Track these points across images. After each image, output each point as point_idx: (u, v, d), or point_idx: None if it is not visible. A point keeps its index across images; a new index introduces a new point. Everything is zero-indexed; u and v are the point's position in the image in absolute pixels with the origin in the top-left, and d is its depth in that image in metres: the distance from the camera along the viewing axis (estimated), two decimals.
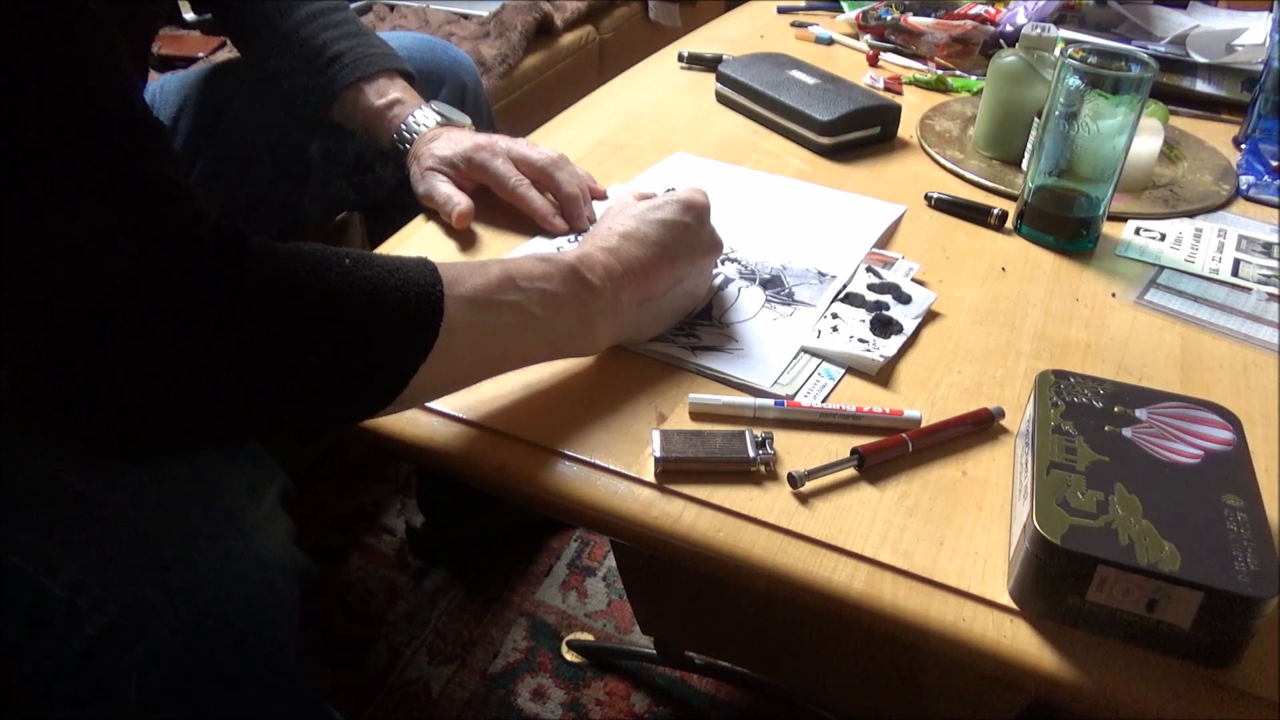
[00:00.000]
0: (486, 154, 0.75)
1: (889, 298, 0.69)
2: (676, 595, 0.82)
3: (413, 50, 0.93)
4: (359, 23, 0.86)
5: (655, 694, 1.03)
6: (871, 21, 1.21)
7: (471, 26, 1.56)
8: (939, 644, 0.47)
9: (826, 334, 0.65)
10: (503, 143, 0.76)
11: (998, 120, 0.91)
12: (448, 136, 0.78)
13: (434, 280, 0.50)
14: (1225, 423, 0.52)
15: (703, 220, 0.63)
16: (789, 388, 0.60)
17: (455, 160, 0.76)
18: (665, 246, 0.60)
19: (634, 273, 0.58)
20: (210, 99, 0.88)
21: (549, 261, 0.55)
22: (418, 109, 0.81)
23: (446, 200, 0.73)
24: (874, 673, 0.73)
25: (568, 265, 0.56)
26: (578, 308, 0.56)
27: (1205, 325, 0.70)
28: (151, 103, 0.88)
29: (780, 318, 0.67)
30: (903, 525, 0.52)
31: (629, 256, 0.59)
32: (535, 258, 0.56)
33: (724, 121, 0.99)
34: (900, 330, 0.65)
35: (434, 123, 0.80)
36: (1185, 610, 0.43)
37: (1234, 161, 0.93)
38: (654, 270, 0.60)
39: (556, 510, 0.54)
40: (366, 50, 0.83)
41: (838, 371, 0.63)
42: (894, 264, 0.74)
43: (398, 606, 1.12)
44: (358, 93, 0.81)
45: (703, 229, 0.63)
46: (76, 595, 0.41)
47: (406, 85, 0.83)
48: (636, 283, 0.59)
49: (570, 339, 0.57)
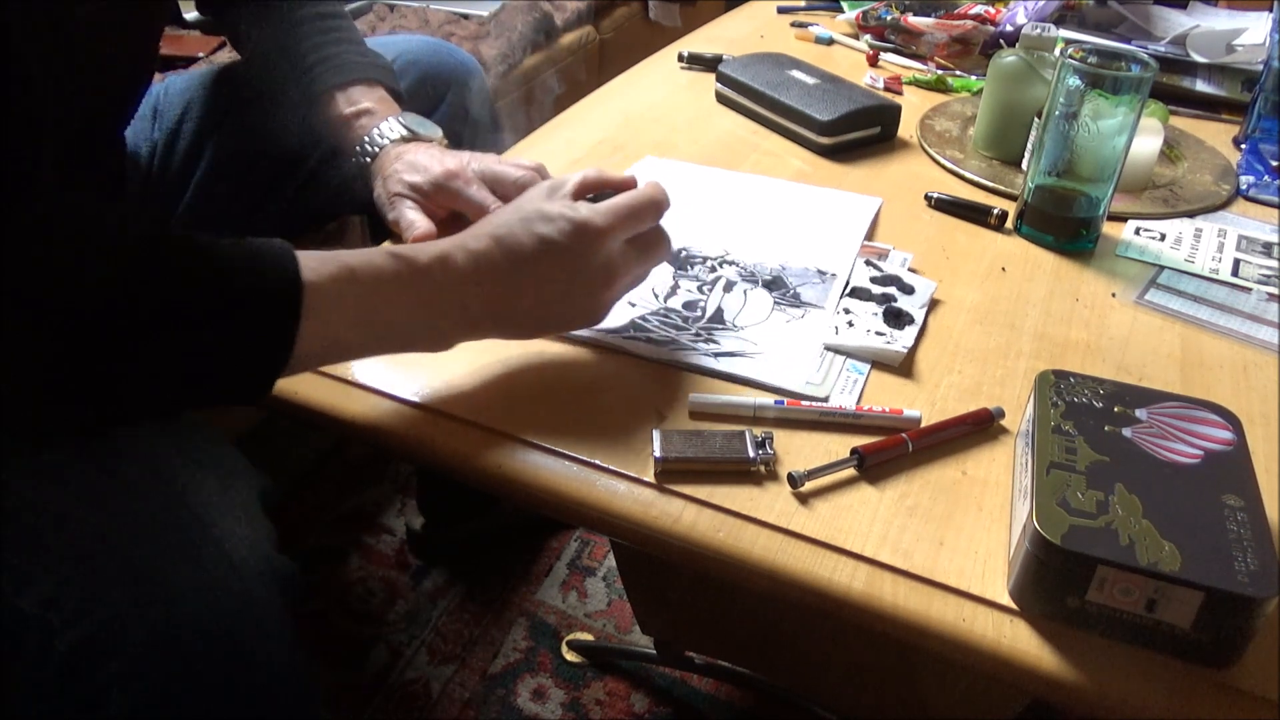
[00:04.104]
0: (460, 182, 0.71)
1: (893, 289, 0.69)
2: (676, 595, 0.82)
3: (418, 54, 0.92)
4: (351, 30, 0.84)
5: (655, 694, 1.03)
6: (871, 21, 1.21)
7: (471, 26, 1.56)
8: (939, 644, 0.47)
9: (844, 330, 0.65)
10: (474, 165, 0.73)
11: (998, 120, 0.91)
12: (414, 158, 0.74)
13: (290, 258, 0.49)
14: (1225, 423, 0.52)
15: (592, 248, 0.57)
16: (822, 388, 0.61)
17: (426, 189, 0.72)
18: (533, 267, 0.56)
19: (490, 285, 0.55)
20: (215, 102, 0.88)
21: (400, 258, 0.53)
22: (384, 121, 0.77)
23: (410, 226, 0.71)
24: (874, 673, 0.73)
25: (419, 266, 0.54)
26: (422, 310, 0.54)
27: (1205, 325, 0.70)
28: (155, 104, 0.88)
29: (793, 319, 0.67)
30: (903, 525, 0.52)
31: (489, 264, 0.55)
32: (387, 252, 0.54)
33: (724, 121, 0.99)
34: (912, 320, 0.66)
35: (397, 135, 0.76)
36: (1185, 610, 0.43)
37: (1234, 161, 0.93)
38: (512, 287, 0.56)
39: (556, 510, 0.54)
40: (348, 58, 0.80)
41: (864, 366, 0.63)
42: (888, 255, 0.75)
43: (398, 606, 1.12)
44: (330, 100, 0.79)
45: (588, 257, 0.57)
46: (49, 611, 0.41)
47: (384, 95, 0.80)
48: (490, 296, 0.56)
49: (411, 337, 0.55)
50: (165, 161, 0.86)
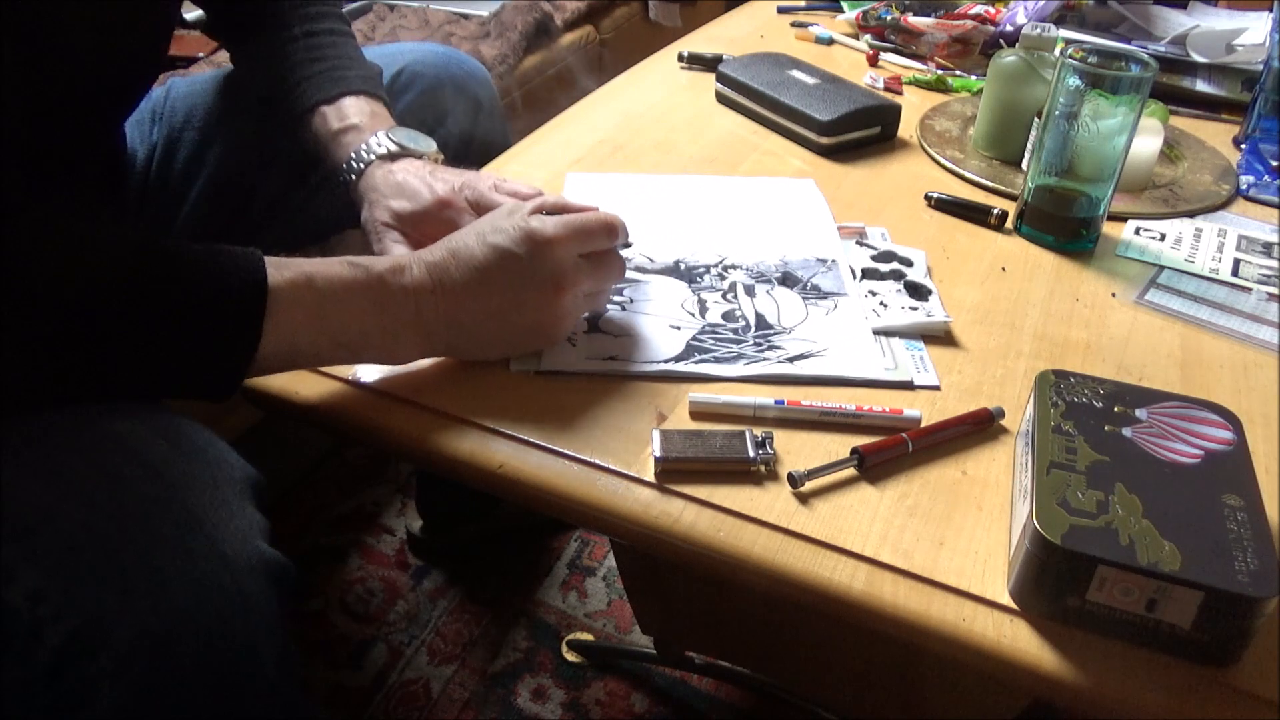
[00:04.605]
0: (451, 212, 0.69)
1: (896, 264, 0.71)
2: (676, 595, 0.82)
3: (425, 63, 0.90)
4: (347, 45, 0.82)
5: (655, 694, 1.03)
6: (871, 21, 1.21)
7: (471, 26, 1.56)
8: (939, 644, 0.47)
9: (883, 312, 0.66)
10: (468, 191, 0.70)
11: (998, 120, 0.91)
12: (403, 179, 0.71)
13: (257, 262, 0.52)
14: (1225, 423, 0.52)
15: (539, 254, 0.58)
16: (898, 371, 0.62)
17: (414, 217, 0.70)
18: (485, 274, 0.57)
19: (444, 293, 0.57)
20: (219, 109, 0.87)
21: (357, 266, 0.55)
22: (371, 136, 0.74)
23: None
24: (874, 673, 0.73)
25: (375, 274, 0.55)
26: (376, 316, 0.55)
27: (1205, 325, 0.70)
28: (158, 107, 0.87)
29: (829, 311, 0.68)
30: (903, 525, 0.52)
31: (445, 275, 0.57)
32: (346, 261, 0.55)
33: (724, 121, 0.99)
34: (931, 290, 0.68)
35: (384, 151, 0.73)
36: (1185, 610, 0.43)
37: (1234, 161, 0.93)
38: (465, 295, 0.57)
39: (556, 510, 0.54)
40: (340, 72, 0.78)
41: (918, 342, 0.64)
42: (866, 232, 0.77)
43: (398, 606, 1.12)
44: (317, 116, 0.77)
45: (537, 263, 0.58)
46: (37, 605, 0.41)
47: (376, 109, 0.78)
48: (445, 304, 0.57)
49: (368, 345, 0.56)
50: (165, 167, 0.86)
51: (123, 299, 0.49)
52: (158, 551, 0.44)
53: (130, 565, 0.43)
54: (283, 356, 0.54)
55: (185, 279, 0.50)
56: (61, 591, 0.41)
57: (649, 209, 0.81)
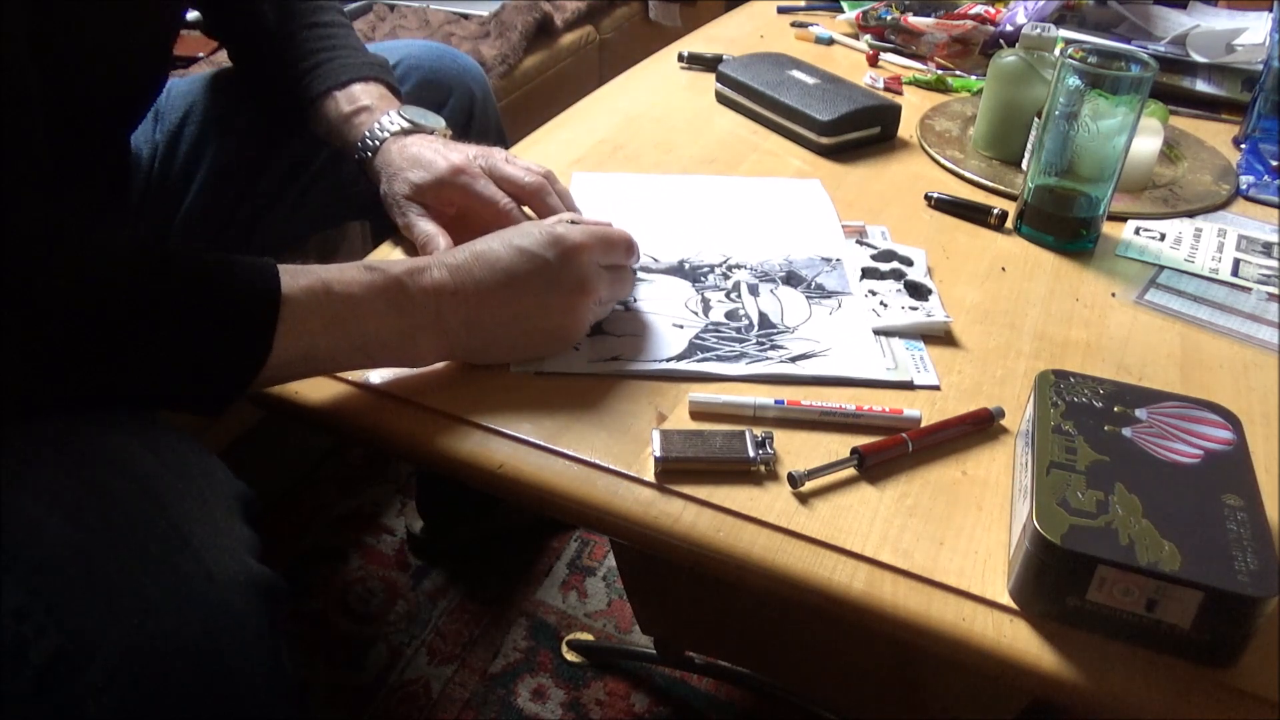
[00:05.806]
0: (467, 177, 0.70)
1: (896, 264, 0.71)
2: (676, 595, 0.82)
3: (421, 59, 0.91)
4: (350, 36, 0.83)
5: (655, 694, 1.03)
6: (871, 21, 1.21)
7: (471, 26, 1.56)
8: (939, 644, 0.47)
9: (883, 312, 0.66)
10: (480, 160, 0.71)
11: (998, 120, 0.91)
12: (418, 152, 0.72)
13: (271, 271, 0.52)
14: (1225, 423, 0.52)
15: (567, 258, 0.59)
16: (899, 371, 0.62)
17: (432, 186, 0.71)
18: (510, 276, 0.58)
19: (466, 294, 0.57)
20: (217, 106, 0.87)
21: (374, 270, 0.55)
22: (384, 115, 0.75)
23: (428, 241, 0.70)
24: (874, 673, 0.73)
25: (392, 277, 0.55)
26: (394, 318, 0.55)
27: (1205, 325, 0.70)
28: (159, 106, 0.87)
29: (833, 311, 0.68)
30: (903, 525, 0.52)
31: (468, 277, 0.57)
32: (363, 265, 0.56)
33: (724, 121, 0.99)
34: (931, 290, 0.68)
35: (398, 128, 0.74)
36: (1185, 610, 0.43)
37: (1234, 161, 0.93)
38: (489, 297, 0.57)
39: (556, 510, 0.54)
40: (347, 59, 0.79)
41: (918, 342, 0.64)
42: (867, 232, 0.77)
43: (398, 606, 1.12)
44: (329, 101, 0.78)
45: (564, 267, 0.59)
46: (21, 623, 0.40)
47: (385, 92, 0.79)
48: (467, 305, 0.57)
49: (385, 348, 0.56)
50: (166, 164, 0.86)
51: (134, 307, 0.49)
52: (144, 569, 0.43)
53: (116, 583, 0.42)
54: (300, 363, 0.54)
55: (198, 288, 0.50)
56: (45, 610, 0.41)
57: (655, 209, 0.81)
